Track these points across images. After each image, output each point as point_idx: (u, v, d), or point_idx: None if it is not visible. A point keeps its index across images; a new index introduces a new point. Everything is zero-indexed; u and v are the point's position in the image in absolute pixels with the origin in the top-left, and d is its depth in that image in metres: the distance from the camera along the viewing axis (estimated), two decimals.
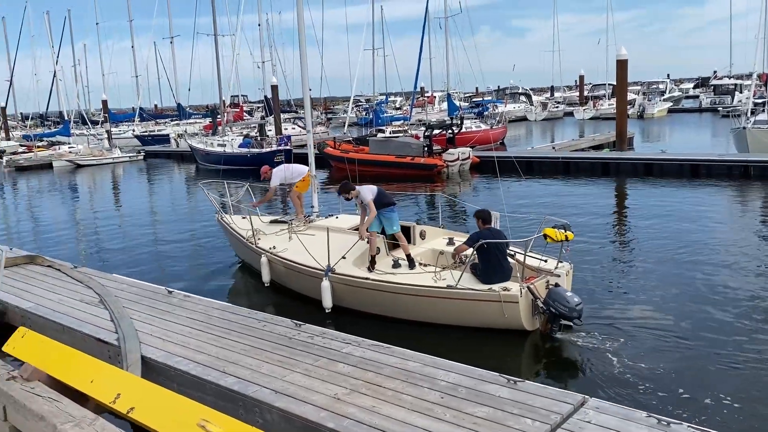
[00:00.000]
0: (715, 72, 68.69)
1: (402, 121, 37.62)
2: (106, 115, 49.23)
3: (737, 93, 54.03)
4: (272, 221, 11.70)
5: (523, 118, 59.14)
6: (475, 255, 8.01)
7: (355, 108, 58.00)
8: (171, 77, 52.47)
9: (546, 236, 8.00)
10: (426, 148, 24.66)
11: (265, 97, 38.06)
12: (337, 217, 11.26)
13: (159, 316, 7.76)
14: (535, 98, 65.16)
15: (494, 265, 7.96)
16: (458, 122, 28.37)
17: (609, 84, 58.30)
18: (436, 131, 26.25)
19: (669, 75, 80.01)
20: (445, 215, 14.64)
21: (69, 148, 39.37)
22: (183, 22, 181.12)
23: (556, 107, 64.15)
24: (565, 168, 23.42)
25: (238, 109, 38.80)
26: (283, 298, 9.94)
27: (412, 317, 8.32)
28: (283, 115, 42.07)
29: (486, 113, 41.25)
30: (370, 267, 8.91)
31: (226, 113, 35.33)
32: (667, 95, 63.72)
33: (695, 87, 78.15)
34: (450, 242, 9.66)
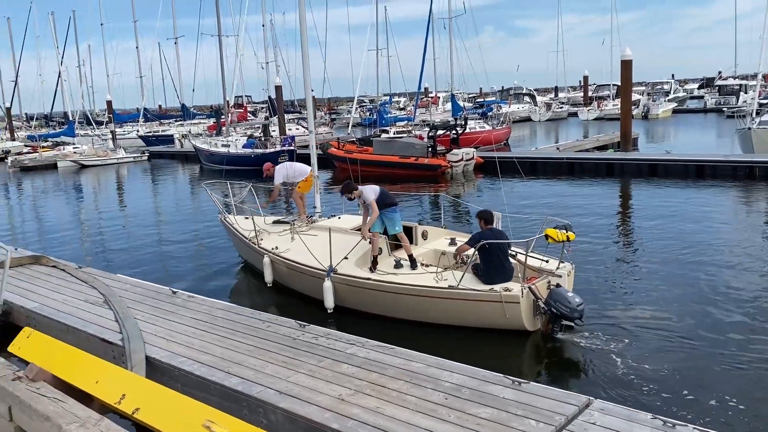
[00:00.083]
0: (720, 72, 68.51)
1: (406, 122, 37.62)
2: (111, 115, 49.25)
3: (742, 93, 53.73)
4: (275, 222, 11.72)
5: (527, 119, 59.00)
6: (476, 255, 8.02)
7: (359, 108, 58.09)
8: (175, 78, 52.57)
9: (547, 237, 8.03)
10: (430, 149, 24.62)
11: (269, 97, 38.08)
12: (339, 218, 11.26)
13: (163, 316, 7.78)
14: (539, 99, 64.96)
15: (496, 266, 7.96)
16: (462, 123, 28.38)
17: (613, 84, 58.23)
18: (440, 132, 26.27)
19: (673, 75, 79.66)
20: (448, 216, 14.63)
21: (73, 148, 39.49)
22: (187, 23, 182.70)
23: (561, 108, 64.08)
24: (570, 168, 23.35)
25: (242, 110, 38.74)
26: (286, 298, 9.95)
27: (413, 317, 8.33)
28: (287, 116, 42.13)
29: (490, 114, 41.23)
30: (372, 267, 8.91)
31: (230, 114, 35.33)
32: (671, 96, 63.39)
33: (700, 87, 77.94)
34: (452, 242, 9.67)
